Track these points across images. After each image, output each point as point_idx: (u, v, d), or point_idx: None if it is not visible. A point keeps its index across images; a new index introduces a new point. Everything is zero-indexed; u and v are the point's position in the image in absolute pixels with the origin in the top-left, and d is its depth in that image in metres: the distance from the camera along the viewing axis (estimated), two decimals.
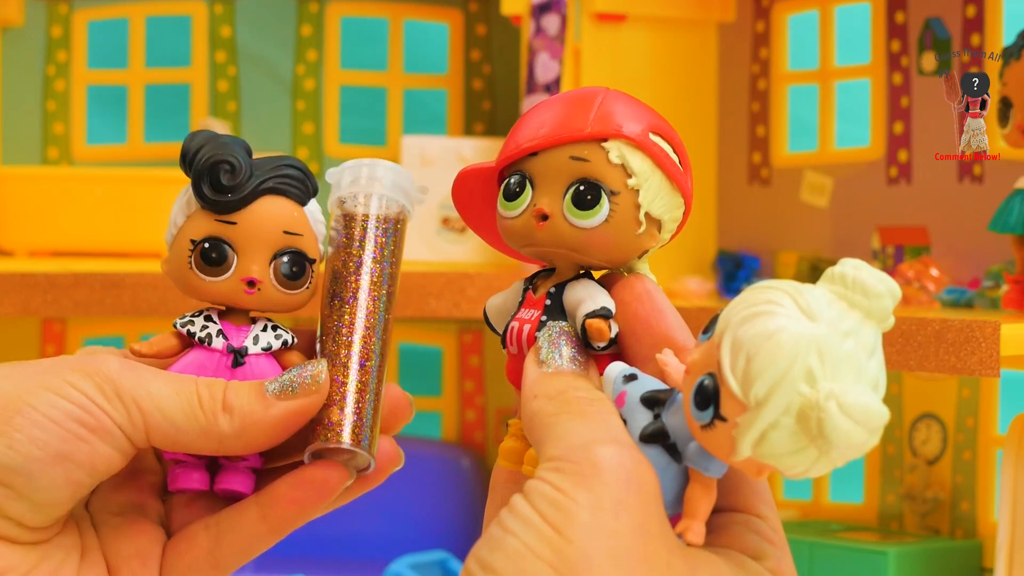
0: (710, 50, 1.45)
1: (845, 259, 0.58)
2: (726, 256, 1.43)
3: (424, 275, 1.28)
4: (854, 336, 0.56)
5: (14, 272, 1.24)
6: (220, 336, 0.70)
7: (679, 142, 0.66)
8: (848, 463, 0.57)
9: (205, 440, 0.67)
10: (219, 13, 1.53)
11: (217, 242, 0.69)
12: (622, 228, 0.64)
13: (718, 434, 0.57)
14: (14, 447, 0.64)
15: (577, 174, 0.64)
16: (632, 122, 0.64)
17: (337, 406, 0.68)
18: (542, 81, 1.34)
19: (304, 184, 0.70)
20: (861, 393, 0.55)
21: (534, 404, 0.61)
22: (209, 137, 0.70)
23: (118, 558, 0.69)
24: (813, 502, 1.39)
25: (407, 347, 1.57)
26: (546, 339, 0.64)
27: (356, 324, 0.69)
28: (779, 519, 0.63)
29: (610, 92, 0.65)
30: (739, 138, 1.44)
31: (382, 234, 0.70)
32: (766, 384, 0.55)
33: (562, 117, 0.64)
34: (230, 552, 0.70)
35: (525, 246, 0.65)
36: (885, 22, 1.34)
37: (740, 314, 0.56)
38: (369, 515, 1.47)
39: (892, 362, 1.05)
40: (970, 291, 1.21)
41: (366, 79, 1.56)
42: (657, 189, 0.64)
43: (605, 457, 0.58)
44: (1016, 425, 1.11)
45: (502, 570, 0.57)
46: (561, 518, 0.57)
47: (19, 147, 1.51)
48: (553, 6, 1.34)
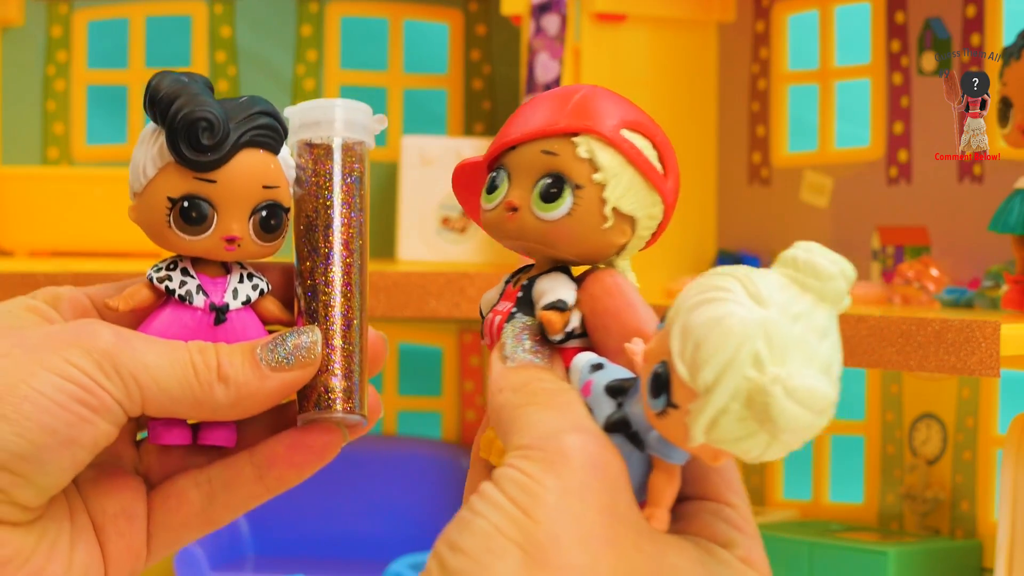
0: (710, 50, 1.45)
1: (799, 242, 0.58)
2: (726, 256, 1.43)
3: (424, 275, 1.28)
4: (805, 319, 0.56)
5: (14, 272, 1.24)
6: (200, 292, 0.69)
7: (663, 141, 0.66)
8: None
9: (199, 409, 0.67)
10: (219, 13, 1.53)
11: (197, 201, 0.68)
12: (586, 222, 0.64)
13: (672, 421, 0.57)
14: (25, 435, 0.64)
15: (546, 167, 0.64)
16: (605, 118, 0.65)
17: (329, 372, 0.68)
18: (542, 81, 1.34)
19: (277, 132, 0.69)
20: (807, 376, 0.55)
21: (500, 397, 0.62)
22: (177, 85, 0.68)
23: (104, 516, 0.69)
24: (813, 502, 1.39)
25: (407, 347, 1.57)
26: (510, 334, 0.64)
27: (340, 282, 0.69)
28: (749, 507, 0.63)
29: (595, 89, 0.66)
30: (739, 138, 1.44)
31: (353, 181, 0.70)
32: (714, 370, 0.55)
33: (541, 113, 0.65)
34: (224, 510, 0.70)
35: (500, 238, 0.66)
36: (885, 22, 1.34)
37: (689, 301, 0.57)
38: (369, 515, 1.47)
39: (892, 362, 1.05)
40: (970, 291, 1.21)
41: (366, 79, 1.56)
42: (627, 185, 0.64)
43: (572, 444, 0.58)
44: (1016, 425, 1.11)
45: (470, 550, 0.57)
46: (529, 500, 0.57)
47: (19, 147, 1.51)
48: (553, 6, 1.34)
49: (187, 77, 0.69)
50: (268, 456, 0.70)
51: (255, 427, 0.71)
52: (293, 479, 0.70)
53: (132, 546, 0.69)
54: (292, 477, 0.70)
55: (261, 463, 0.70)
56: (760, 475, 1.42)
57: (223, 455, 0.71)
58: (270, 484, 0.70)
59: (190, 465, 0.71)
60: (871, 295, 1.28)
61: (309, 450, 0.69)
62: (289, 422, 0.71)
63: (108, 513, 0.69)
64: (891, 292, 1.27)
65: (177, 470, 0.71)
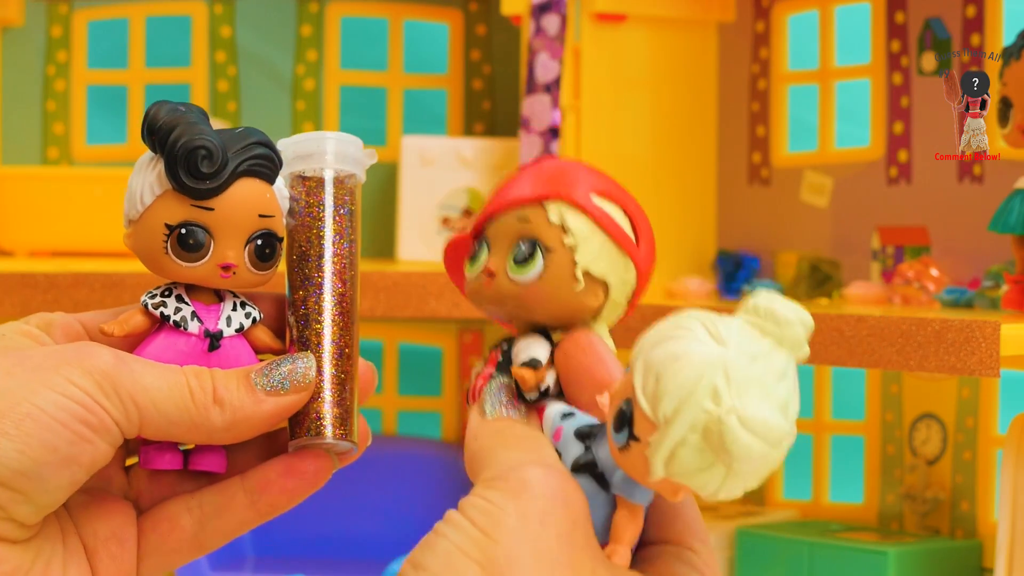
0: (710, 50, 1.45)
1: (759, 290, 0.60)
2: (726, 256, 1.43)
3: (424, 275, 1.28)
4: (763, 360, 0.58)
5: (14, 272, 1.24)
6: (195, 319, 0.70)
7: (635, 209, 0.68)
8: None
9: (195, 432, 0.68)
10: (219, 13, 1.53)
11: (194, 228, 0.69)
12: (557, 284, 0.66)
13: (633, 454, 0.59)
14: (26, 452, 0.64)
15: (520, 233, 0.67)
16: (577, 185, 0.67)
17: (321, 399, 0.69)
18: (542, 81, 1.34)
19: (273, 163, 0.70)
20: (762, 408, 0.57)
21: (474, 444, 0.65)
22: (175, 115, 0.69)
23: (95, 540, 0.70)
24: (813, 502, 1.39)
25: (407, 347, 1.57)
26: (488, 393, 0.67)
27: (332, 311, 0.70)
28: (712, 554, 0.65)
29: (572, 161, 0.69)
30: (739, 138, 1.44)
31: (345, 213, 0.71)
32: (673, 402, 0.57)
33: (519, 183, 0.68)
34: (216, 535, 0.71)
35: (480, 305, 0.68)
36: (885, 22, 1.34)
37: (652, 339, 0.59)
38: (369, 515, 1.47)
39: (892, 362, 1.05)
40: (970, 291, 1.21)
41: (366, 79, 1.56)
42: (598, 250, 0.66)
43: (533, 475, 0.61)
44: (1016, 425, 1.11)
45: (432, 567, 0.60)
46: (490, 523, 0.60)
47: (19, 147, 1.51)
48: (553, 6, 1.34)
49: (184, 107, 0.70)
50: (260, 482, 0.71)
51: (246, 453, 0.72)
52: (284, 505, 0.71)
53: (123, 569, 0.70)
54: (283, 503, 0.71)
55: (253, 489, 0.71)
56: None
57: (213, 481, 0.72)
58: (262, 509, 0.71)
59: (180, 490, 0.72)
60: (871, 295, 1.28)
61: (301, 476, 0.70)
62: (280, 449, 0.72)
63: (99, 536, 0.70)
64: (891, 292, 1.27)
65: (167, 495, 0.72)
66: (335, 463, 0.71)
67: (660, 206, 1.40)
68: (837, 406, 1.40)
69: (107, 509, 0.70)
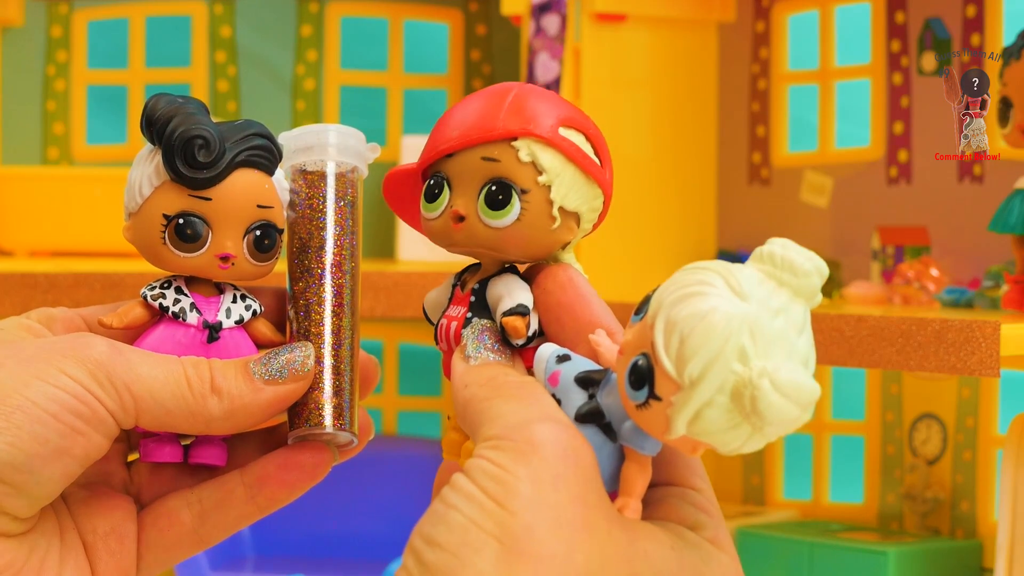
0: (710, 50, 1.45)
1: (773, 238, 0.59)
2: (726, 256, 1.43)
3: (424, 275, 1.28)
4: (784, 314, 0.57)
5: (14, 272, 1.24)
6: (194, 310, 0.70)
7: (595, 132, 0.67)
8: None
9: (193, 422, 0.67)
10: (219, 13, 1.53)
11: (192, 218, 0.69)
12: (535, 225, 0.65)
13: (653, 413, 0.58)
14: (16, 444, 0.64)
15: (489, 174, 0.65)
16: (541, 119, 0.65)
17: (320, 389, 0.69)
18: (542, 81, 1.34)
19: (272, 154, 0.70)
20: (793, 370, 0.56)
21: (465, 392, 0.63)
22: (173, 106, 0.69)
23: (94, 536, 0.69)
24: (813, 502, 1.39)
25: (407, 347, 1.57)
26: (470, 336, 0.65)
27: (331, 302, 0.70)
28: (712, 491, 0.64)
29: (523, 88, 0.66)
30: (739, 138, 1.44)
31: (346, 205, 0.71)
32: (700, 363, 0.56)
33: (475, 117, 0.65)
34: (216, 530, 0.71)
35: (447, 246, 0.67)
36: (885, 22, 1.34)
37: (673, 295, 0.58)
38: (369, 515, 1.47)
39: (892, 362, 1.05)
40: (970, 291, 1.22)
41: (366, 79, 1.56)
42: (570, 183, 0.65)
43: (542, 434, 0.59)
44: (1016, 425, 1.11)
45: (447, 543, 0.58)
46: (503, 492, 0.58)
47: (19, 147, 1.51)
48: (553, 6, 1.34)
49: (183, 99, 0.70)
50: (259, 475, 0.70)
51: (245, 447, 0.72)
52: (284, 498, 0.71)
53: (123, 565, 0.70)
54: (283, 496, 0.71)
55: (252, 482, 0.71)
56: (760, 475, 1.42)
57: (213, 475, 0.72)
58: (261, 503, 0.71)
59: (181, 485, 0.72)
60: (871, 295, 1.28)
61: (300, 469, 0.70)
62: (279, 442, 0.72)
63: (99, 532, 0.70)
64: (891, 292, 1.27)
65: (168, 490, 0.72)
66: (335, 456, 0.71)
67: (660, 206, 1.40)
68: (837, 406, 1.40)
69: (107, 505, 0.70)
